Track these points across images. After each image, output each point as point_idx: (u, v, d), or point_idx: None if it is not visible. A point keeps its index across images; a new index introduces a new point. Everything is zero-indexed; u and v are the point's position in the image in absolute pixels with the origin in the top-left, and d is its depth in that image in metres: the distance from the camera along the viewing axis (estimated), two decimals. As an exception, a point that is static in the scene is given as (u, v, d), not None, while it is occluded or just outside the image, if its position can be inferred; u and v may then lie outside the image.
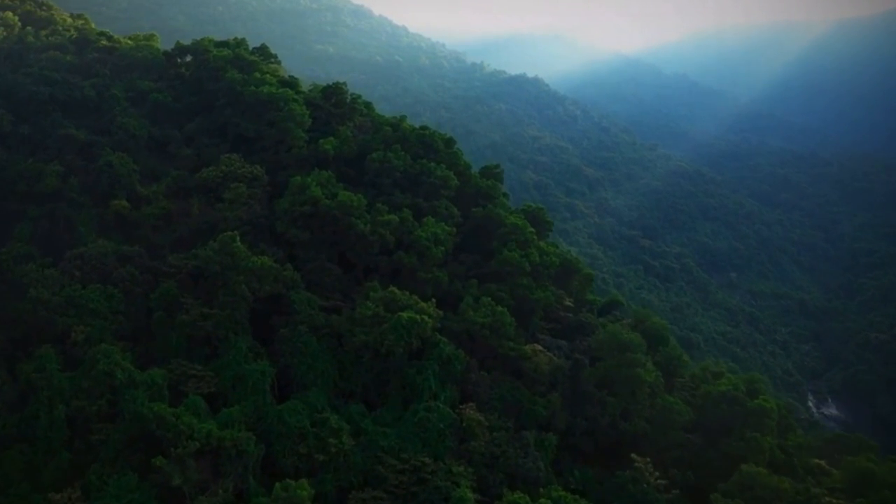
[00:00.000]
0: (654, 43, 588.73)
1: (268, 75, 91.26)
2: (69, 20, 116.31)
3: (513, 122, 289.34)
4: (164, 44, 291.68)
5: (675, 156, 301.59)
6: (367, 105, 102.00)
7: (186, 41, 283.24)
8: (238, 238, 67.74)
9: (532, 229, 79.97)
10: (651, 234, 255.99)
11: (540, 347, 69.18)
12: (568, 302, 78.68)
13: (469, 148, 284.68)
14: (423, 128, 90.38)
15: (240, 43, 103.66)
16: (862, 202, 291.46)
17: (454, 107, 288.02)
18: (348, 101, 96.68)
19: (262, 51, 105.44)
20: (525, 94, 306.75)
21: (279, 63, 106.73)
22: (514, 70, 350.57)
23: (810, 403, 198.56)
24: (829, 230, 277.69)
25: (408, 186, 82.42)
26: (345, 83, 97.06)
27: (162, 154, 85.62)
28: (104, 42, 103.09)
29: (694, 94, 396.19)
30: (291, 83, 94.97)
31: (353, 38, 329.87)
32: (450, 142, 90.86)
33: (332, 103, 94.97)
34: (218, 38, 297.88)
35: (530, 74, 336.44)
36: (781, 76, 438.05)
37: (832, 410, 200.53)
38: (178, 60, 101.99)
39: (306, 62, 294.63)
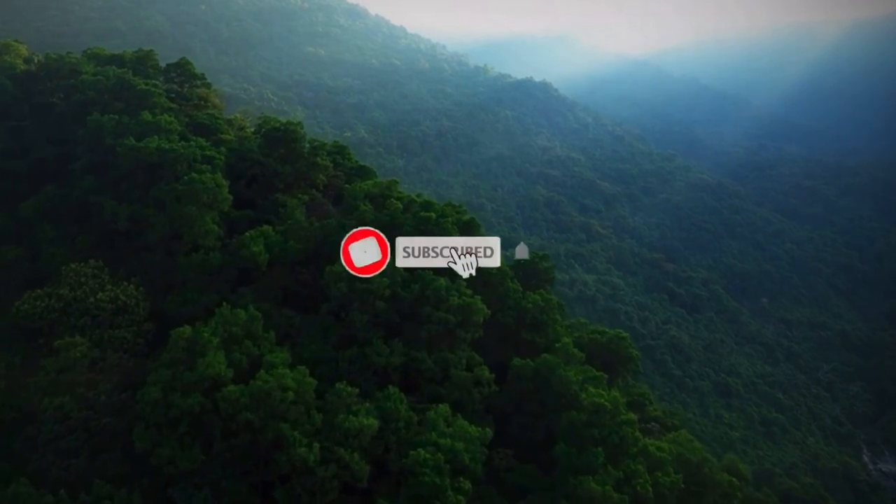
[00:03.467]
0: (655, 46, 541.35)
1: (165, 116, 50.11)
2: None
3: (520, 131, 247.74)
4: (144, 46, 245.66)
5: (694, 167, 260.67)
6: (340, 152, 60.93)
7: (165, 44, 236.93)
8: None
9: (629, 413, 39.55)
10: (674, 255, 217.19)
11: None
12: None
13: (473, 160, 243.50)
14: (428, 204, 49.34)
15: (143, 57, 62.12)
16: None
17: (456, 114, 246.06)
18: (305, 152, 55.50)
19: (181, 69, 63.86)
20: (533, 100, 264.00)
21: (209, 87, 65.51)
22: (517, 73, 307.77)
23: (865, 458, 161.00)
24: (865, 249, 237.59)
25: (398, 324, 42.31)
26: (299, 124, 56.09)
27: (-35, 261, 45.06)
28: (-66, 56, 61.69)
29: (705, 99, 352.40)
30: (209, 126, 53.72)
31: (347, 39, 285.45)
32: (470, 226, 49.92)
33: (279, 157, 54.15)
34: (199, 40, 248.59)
35: (534, 77, 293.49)
36: (792, 79, 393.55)
37: (890, 466, 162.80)
38: (47, 85, 60.42)
39: (295, 66, 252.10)
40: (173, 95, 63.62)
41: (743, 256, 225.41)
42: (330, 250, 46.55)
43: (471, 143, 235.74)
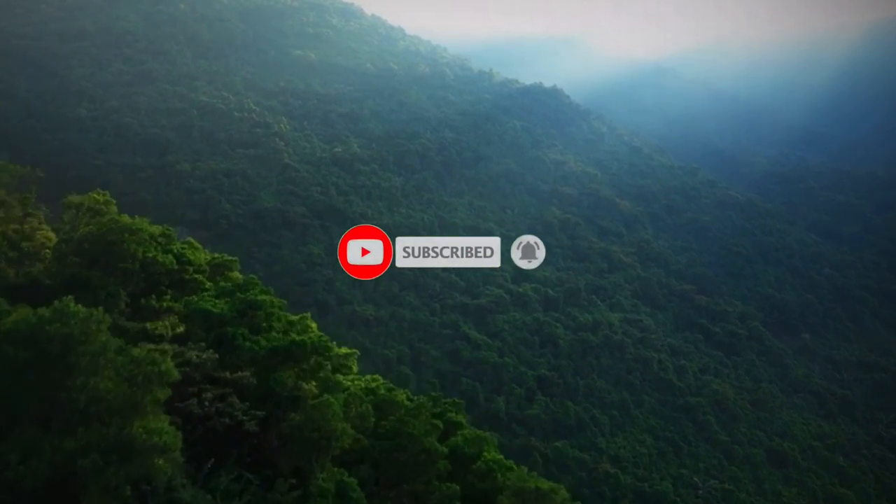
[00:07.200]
0: (658, 49, 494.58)
1: None
2: None
3: (530, 143, 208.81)
4: (113, 48, 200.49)
5: (719, 181, 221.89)
6: (270, 316, 22.97)
7: (138, 47, 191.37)
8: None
9: None
10: (705, 285, 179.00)
11: None
12: None
13: (479, 178, 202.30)
14: None
15: None
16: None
17: (460, 125, 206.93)
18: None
19: None
20: (543, 108, 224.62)
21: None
22: (520, 77, 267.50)
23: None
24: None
25: None
26: (95, 321, 18.12)
27: None
28: None
29: (720, 105, 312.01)
30: None
31: (340, 41, 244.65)
32: None
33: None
34: (176, 42, 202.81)
35: (537, 81, 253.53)
36: (805, 84, 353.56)
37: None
38: None
39: (282, 72, 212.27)
40: None
41: (780, 285, 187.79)
42: None
43: (476, 157, 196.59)
